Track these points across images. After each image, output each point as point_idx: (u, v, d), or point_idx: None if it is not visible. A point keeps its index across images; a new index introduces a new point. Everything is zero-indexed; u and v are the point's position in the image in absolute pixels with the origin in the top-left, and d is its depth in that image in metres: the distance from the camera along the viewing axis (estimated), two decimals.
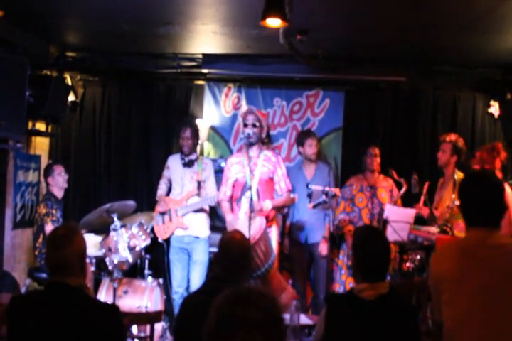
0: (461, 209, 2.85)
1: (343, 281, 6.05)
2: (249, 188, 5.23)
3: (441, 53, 6.27)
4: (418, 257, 5.40)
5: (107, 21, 5.51)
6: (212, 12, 5.11)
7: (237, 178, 5.51)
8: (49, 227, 5.75)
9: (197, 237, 5.93)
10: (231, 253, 3.22)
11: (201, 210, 5.97)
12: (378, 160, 6.14)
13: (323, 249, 5.99)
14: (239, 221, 5.13)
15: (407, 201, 5.99)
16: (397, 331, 2.85)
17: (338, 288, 6.07)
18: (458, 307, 2.61)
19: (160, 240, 6.00)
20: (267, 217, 5.24)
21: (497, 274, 2.60)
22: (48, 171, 6.11)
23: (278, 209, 5.59)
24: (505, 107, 6.57)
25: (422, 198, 5.59)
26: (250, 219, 4.75)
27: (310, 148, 6.17)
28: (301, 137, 6.32)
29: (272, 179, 5.51)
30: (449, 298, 2.64)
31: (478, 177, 2.94)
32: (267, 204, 5.26)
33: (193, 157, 6.07)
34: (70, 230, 2.83)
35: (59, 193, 6.13)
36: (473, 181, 2.89)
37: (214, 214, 6.41)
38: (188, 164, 6.03)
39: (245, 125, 5.50)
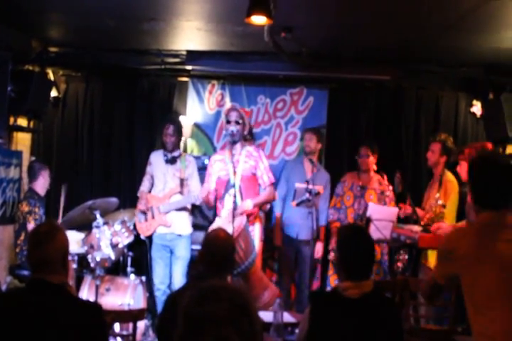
0: (472, 192, 2.85)
1: (328, 277, 6.07)
2: (233, 186, 5.21)
3: (424, 52, 6.29)
4: (406, 257, 5.43)
5: (90, 16, 5.47)
6: (196, 8, 5.09)
7: (219, 176, 5.45)
8: (31, 226, 5.69)
9: (179, 235, 5.91)
10: (215, 251, 3.20)
11: (183, 208, 5.94)
12: (370, 160, 6.11)
13: (319, 251, 6.06)
14: (220, 219, 5.10)
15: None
16: (381, 329, 2.87)
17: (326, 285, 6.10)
18: (481, 287, 2.64)
19: (142, 237, 5.96)
20: (249, 215, 5.21)
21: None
22: (43, 167, 6.08)
23: (261, 204, 5.58)
24: (487, 107, 6.61)
25: (408, 200, 5.62)
26: (234, 217, 4.74)
27: (304, 141, 6.32)
28: (303, 133, 6.52)
29: (254, 174, 5.48)
30: (471, 278, 2.68)
31: (489, 159, 2.94)
32: (248, 204, 5.23)
33: (176, 154, 6.03)
34: (52, 227, 2.80)
35: (42, 190, 6.07)
36: (484, 163, 2.88)
37: (196, 212, 6.40)
38: (171, 161, 5.99)
39: (228, 122, 5.46)
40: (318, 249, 6.11)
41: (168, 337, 3.02)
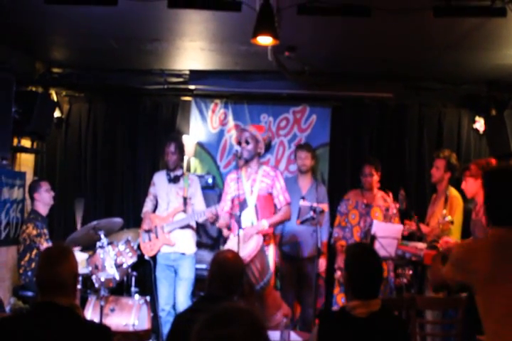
0: (486, 205, 2.74)
1: (335, 295, 6.02)
2: (245, 205, 5.21)
3: (427, 70, 6.33)
4: (410, 272, 5.40)
5: (93, 38, 5.50)
6: (200, 29, 5.11)
7: (235, 195, 5.47)
8: (44, 247, 5.66)
9: (183, 254, 5.89)
10: (225, 273, 3.19)
11: (188, 226, 5.93)
12: (374, 178, 6.02)
13: (322, 265, 6.02)
14: (235, 238, 5.08)
15: None
16: None
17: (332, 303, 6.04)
18: (498, 304, 2.57)
19: (146, 257, 5.95)
20: (264, 235, 5.20)
21: None
22: (35, 187, 6.02)
23: (277, 224, 5.59)
24: (490, 123, 6.62)
25: (413, 217, 5.59)
26: (239, 238, 4.74)
27: (300, 160, 6.26)
28: (295, 151, 6.45)
29: (271, 194, 5.50)
30: (486, 295, 2.61)
31: (507, 170, 2.79)
32: (264, 224, 5.24)
33: (178, 173, 6.04)
34: (64, 249, 2.80)
35: (44, 210, 6.02)
36: (501, 174, 2.75)
37: (201, 230, 6.38)
38: (174, 180, 5.99)
39: (239, 143, 5.51)
40: (322, 263, 6.05)
41: None
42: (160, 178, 6.09)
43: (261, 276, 4.60)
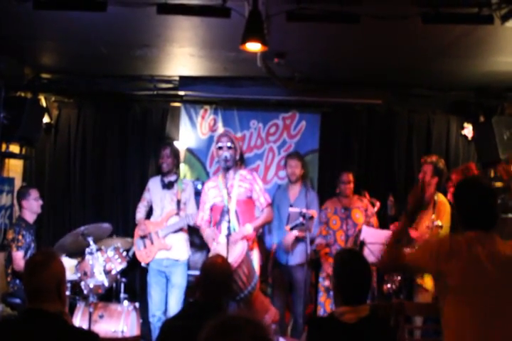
0: (459, 214, 2.97)
1: (323, 303, 6.02)
2: (228, 211, 5.21)
3: (416, 77, 6.36)
4: (398, 278, 5.40)
5: (83, 43, 5.48)
6: (190, 35, 5.12)
7: (215, 202, 5.50)
8: (15, 253, 5.62)
9: (177, 260, 5.87)
10: (213, 278, 3.20)
11: (181, 230, 5.92)
12: (351, 185, 6.12)
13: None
14: (219, 246, 5.09)
15: (384, 223, 6.00)
16: None
17: (319, 311, 6.03)
18: (462, 307, 2.75)
19: (143, 264, 5.93)
20: (248, 240, 5.20)
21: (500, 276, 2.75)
22: (24, 194, 5.98)
23: (261, 227, 5.60)
24: (478, 129, 6.66)
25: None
26: (228, 244, 4.73)
27: (290, 168, 6.23)
28: (285, 159, 6.41)
29: (250, 198, 5.50)
30: (453, 298, 2.78)
31: (473, 181, 3.11)
32: (248, 229, 5.25)
33: (172, 178, 6.03)
34: (47, 256, 2.78)
35: (31, 217, 5.97)
36: (469, 186, 3.02)
37: (193, 231, 6.34)
38: (168, 186, 5.99)
39: (220, 148, 5.50)
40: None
41: None
42: (155, 184, 6.08)
43: (248, 281, 4.61)
